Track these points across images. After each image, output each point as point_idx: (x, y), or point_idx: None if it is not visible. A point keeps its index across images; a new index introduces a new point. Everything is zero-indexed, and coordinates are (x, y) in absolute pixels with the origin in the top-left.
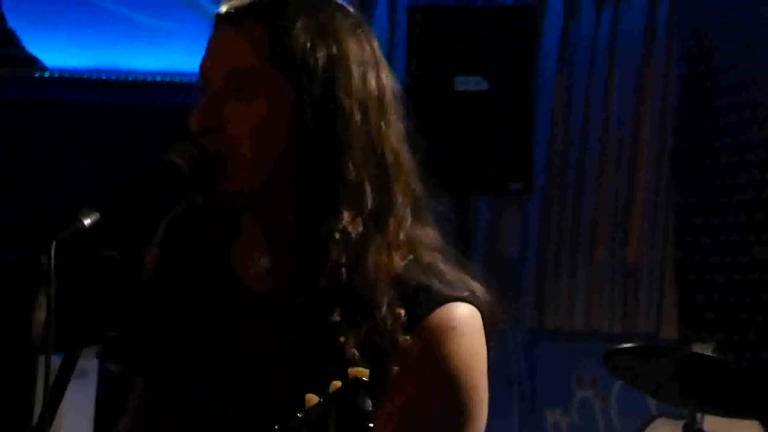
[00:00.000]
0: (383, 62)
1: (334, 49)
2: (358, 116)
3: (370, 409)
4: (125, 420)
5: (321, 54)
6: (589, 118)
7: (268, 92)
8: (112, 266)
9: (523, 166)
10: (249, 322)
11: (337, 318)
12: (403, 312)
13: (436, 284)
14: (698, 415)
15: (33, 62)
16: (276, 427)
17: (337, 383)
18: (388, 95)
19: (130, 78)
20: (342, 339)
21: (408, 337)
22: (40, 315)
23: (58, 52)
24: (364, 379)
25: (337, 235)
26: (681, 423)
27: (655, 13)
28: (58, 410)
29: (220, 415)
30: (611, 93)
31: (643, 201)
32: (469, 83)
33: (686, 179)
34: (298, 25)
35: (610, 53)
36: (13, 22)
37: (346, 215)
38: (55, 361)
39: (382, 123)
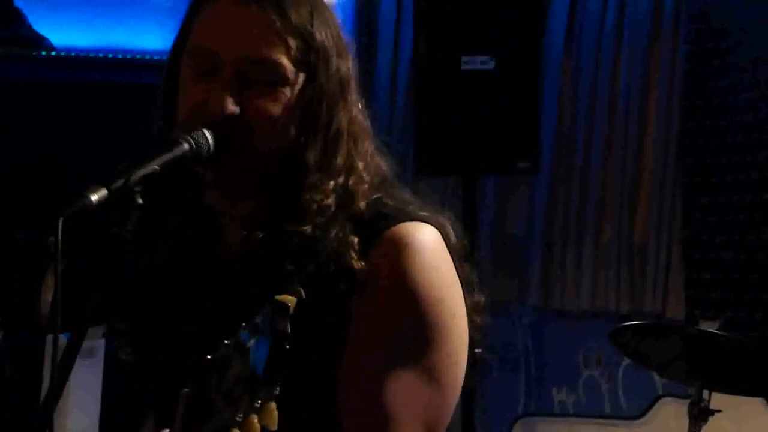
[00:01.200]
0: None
1: (341, 45)
2: (355, 108)
3: (287, 330)
4: None
5: (333, 49)
6: (596, 97)
7: (288, 84)
8: (118, 244)
9: (530, 146)
10: (214, 281)
11: (289, 267)
12: (356, 240)
13: (392, 210)
14: (705, 393)
15: (40, 42)
16: (208, 356)
17: (261, 310)
18: (357, 72)
19: (138, 57)
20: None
21: (362, 263)
22: (48, 294)
23: (66, 32)
24: (286, 303)
25: (315, 206)
26: (687, 402)
27: None
28: (66, 389)
29: (174, 357)
30: (618, 71)
31: (649, 180)
32: (477, 63)
33: (693, 158)
34: (315, 19)
35: (617, 32)
36: (20, 2)
37: (329, 186)
38: (63, 340)
39: (355, 105)
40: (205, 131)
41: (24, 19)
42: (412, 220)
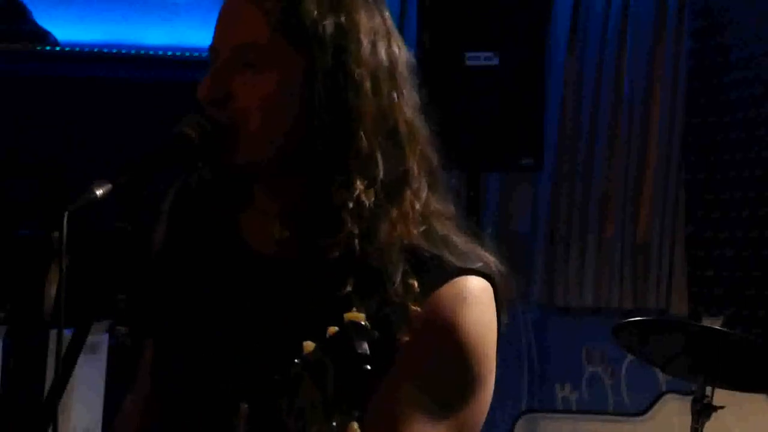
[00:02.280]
0: (395, 33)
1: (344, 19)
2: (368, 86)
3: (367, 352)
4: (135, 386)
5: (331, 24)
6: (600, 94)
7: (278, 64)
8: (124, 238)
9: (534, 142)
10: (257, 284)
11: (348, 288)
12: (416, 283)
13: (448, 255)
14: (708, 389)
15: (44, 37)
16: (275, 376)
17: (334, 328)
18: (400, 66)
19: (141, 52)
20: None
21: (419, 309)
22: (52, 288)
23: (70, 27)
24: (361, 322)
25: (351, 205)
26: (690, 398)
27: None
28: (69, 384)
29: (223, 370)
30: (622, 68)
31: (653, 177)
32: (481, 59)
33: (697, 155)
34: (312, 1)
35: (621, 27)
36: None
37: (359, 185)
38: (67, 335)
39: (394, 93)
40: (208, 121)
41: (28, 14)
42: (468, 272)
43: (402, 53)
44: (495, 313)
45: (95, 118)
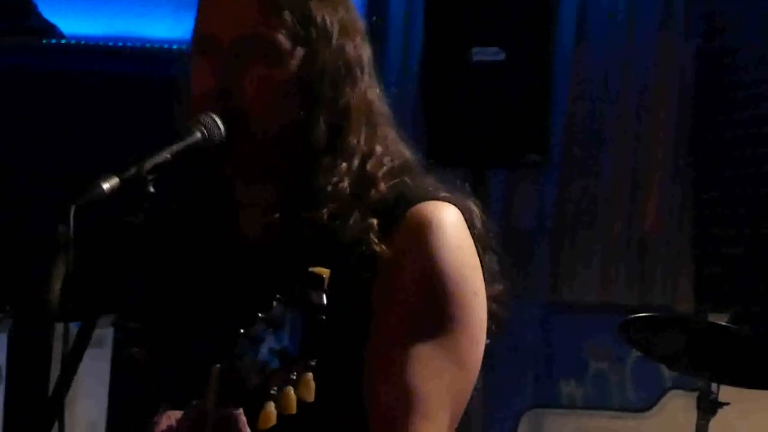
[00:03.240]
0: (365, 34)
1: (344, 18)
2: (363, 81)
3: (323, 302)
4: None
5: (335, 22)
6: (606, 91)
7: (285, 59)
8: (132, 232)
9: (540, 138)
10: (240, 266)
11: (310, 255)
12: (375, 222)
13: (414, 192)
14: (713, 386)
15: (50, 30)
16: (241, 330)
17: (298, 284)
18: (371, 62)
19: (148, 46)
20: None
21: (384, 246)
22: (58, 283)
23: (76, 20)
24: (321, 275)
25: (329, 188)
26: (695, 395)
27: None
28: (75, 378)
29: (203, 340)
30: (629, 64)
31: (659, 174)
32: (487, 54)
33: (703, 152)
34: None
35: (628, 24)
36: None
37: (341, 169)
38: (73, 329)
39: (372, 88)
40: (215, 117)
41: (34, 8)
42: (433, 199)
43: (370, 51)
44: (469, 239)
45: (102, 112)
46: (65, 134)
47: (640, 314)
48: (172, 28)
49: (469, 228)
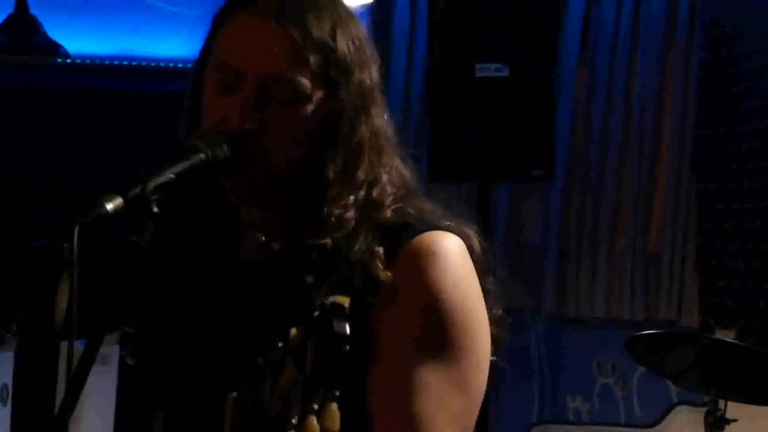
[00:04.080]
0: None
1: (364, 56)
2: (375, 111)
3: (346, 332)
4: None
5: (356, 63)
6: (610, 105)
7: (309, 99)
8: (136, 251)
9: (545, 153)
10: (243, 287)
11: (326, 279)
12: (381, 249)
13: (417, 220)
14: (720, 402)
15: (55, 49)
16: (260, 359)
17: (317, 312)
18: (381, 88)
19: (152, 65)
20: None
21: (388, 273)
22: (63, 301)
23: (81, 39)
24: (343, 305)
25: (333, 219)
26: (702, 410)
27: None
28: (81, 396)
29: (213, 366)
30: (633, 79)
31: (664, 188)
32: (491, 70)
33: (708, 165)
34: (338, 33)
35: (632, 39)
36: (35, 9)
37: (349, 201)
38: (78, 347)
39: (384, 116)
40: (221, 139)
41: (39, 27)
42: (436, 229)
43: (378, 75)
44: (471, 268)
45: (106, 130)
46: (70, 152)
47: (647, 332)
48: (176, 47)
49: (470, 255)
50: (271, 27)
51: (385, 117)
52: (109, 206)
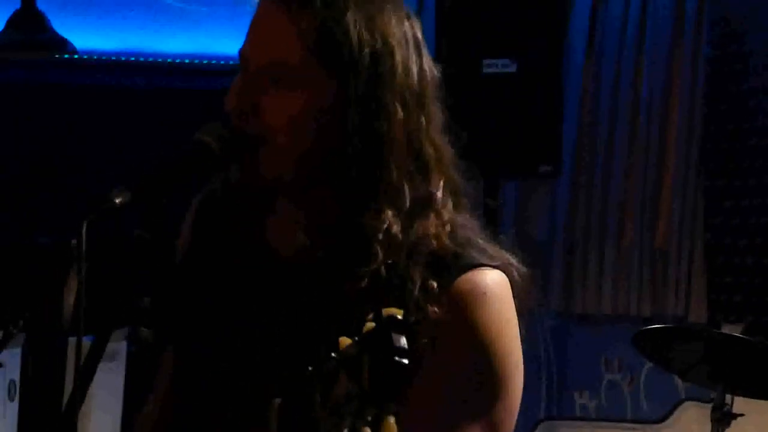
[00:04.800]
0: (426, 52)
1: (380, 44)
2: (400, 113)
3: (405, 345)
4: (153, 398)
5: (367, 50)
6: (618, 101)
7: (310, 85)
8: (144, 246)
9: (552, 149)
10: (281, 287)
11: (373, 292)
12: (435, 284)
13: (467, 252)
14: (727, 397)
15: (63, 45)
16: (310, 368)
17: (371, 324)
18: (429, 87)
19: (160, 61)
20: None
21: (436, 309)
22: (71, 297)
23: (88, 35)
24: (398, 317)
25: (381, 236)
26: (709, 406)
27: None
28: (89, 392)
29: (253, 368)
30: (640, 75)
31: (671, 183)
32: (498, 66)
33: (715, 162)
34: (348, 17)
35: (639, 35)
36: (42, 5)
37: (389, 214)
38: (86, 343)
39: (423, 118)
40: (229, 133)
41: (47, 23)
42: (485, 265)
43: (431, 71)
44: (513, 307)
45: (114, 127)
46: (78, 149)
47: (654, 326)
48: (183, 43)
49: (512, 288)
50: (271, 9)
51: (433, 120)
52: (118, 201)
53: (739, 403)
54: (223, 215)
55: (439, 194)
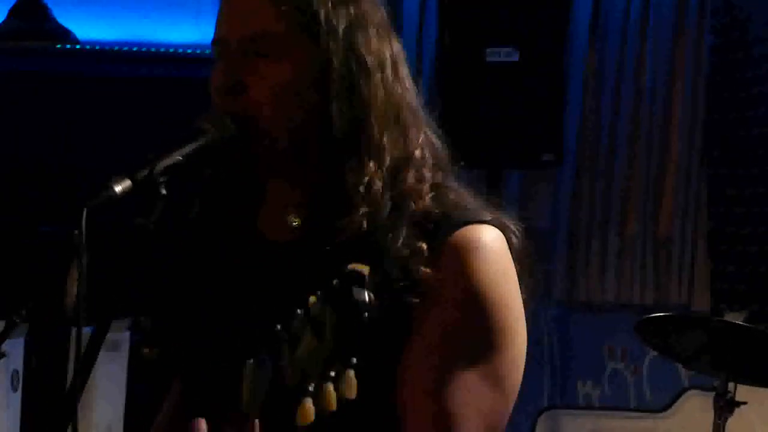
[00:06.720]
0: (392, 29)
1: (353, 11)
2: (378, 75)
3: (365, 299)
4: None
5: (343, 16)
6: (620, 89)
7: (291, 54)
8: (144, 234)
9: (555, 138)
10: (268, 266)
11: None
12: (424, 245)
13: (457, 211)
14: (730, 385)
15: (65, 35)
16: (278, 326)
17: (336, 280)
18: (401, 59)
19: (162, 50)
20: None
21: (429, 270)
22: (73, 286)
23: (90, 25)
24: (362, 272)
25: (362, 189)
26: (712, 395)
27: None
28: (92, 382)
29: (234, 335)
30: (643, 64)
31: (674, 172)
32: (501, 54)
33: (718, 150)
34: None
35: (642, 23)
36: None
37: (370, 168)
38: (87, 332)
39: (398, 84)
40: (225, 116)
41: (49, 13)
42: (478, 222)
43: (399, 48)
44: (510, 261)
45: (116, 116)
46: (81, 138)
47: (657, 314)
48: (185, 32)
49: (509, 248)
50: None
51: (413, 92)
52: (118, 189)
53: (742, 391)
54: (219, 205)
55: (418, 153)
